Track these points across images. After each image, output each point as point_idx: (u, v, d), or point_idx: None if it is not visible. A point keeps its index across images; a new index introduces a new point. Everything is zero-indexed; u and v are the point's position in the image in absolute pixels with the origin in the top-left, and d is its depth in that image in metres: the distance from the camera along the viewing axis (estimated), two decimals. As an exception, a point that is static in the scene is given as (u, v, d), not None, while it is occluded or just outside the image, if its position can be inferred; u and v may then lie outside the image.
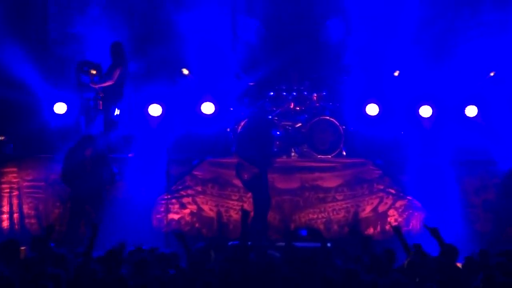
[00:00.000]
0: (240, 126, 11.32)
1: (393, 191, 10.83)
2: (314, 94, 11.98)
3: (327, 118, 11.57)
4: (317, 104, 11.96)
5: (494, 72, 11.60)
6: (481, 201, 10.64)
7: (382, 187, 10.84)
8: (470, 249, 7.63)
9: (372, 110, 11.55)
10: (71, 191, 9.92)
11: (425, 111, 11.48)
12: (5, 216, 10.74)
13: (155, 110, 11.49)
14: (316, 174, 10.89)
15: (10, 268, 6.47)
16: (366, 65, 11.80)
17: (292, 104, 11.98)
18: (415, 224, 10.60)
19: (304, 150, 11.62)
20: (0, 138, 11.16)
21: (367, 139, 11.49)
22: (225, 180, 10.84)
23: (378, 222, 10.73)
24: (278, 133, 11.52)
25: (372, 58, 11.81)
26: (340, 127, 11.45)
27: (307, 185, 10.86)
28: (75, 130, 11.23)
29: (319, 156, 11.41)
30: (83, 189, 9.74)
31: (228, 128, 11.80)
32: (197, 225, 10.80)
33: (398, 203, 10.81)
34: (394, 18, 11.85)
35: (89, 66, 11.35)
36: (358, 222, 10.71)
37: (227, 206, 10.83)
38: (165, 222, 10.43)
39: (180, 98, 11.69)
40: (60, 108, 11.43)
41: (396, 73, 11.88)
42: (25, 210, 10.72)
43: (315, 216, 10.79)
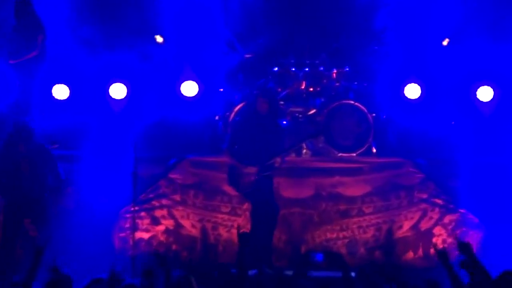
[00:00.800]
0: (233, 113, 11.35)
1: (440, 202, 10.83)
2: (334, 70, 12.00)
3: (351, 102, 11.58)
4: (337, 83, 11.98)
5: None
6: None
7: (425, 196, 10.85)
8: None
9: (412, 92, 11.58)
10: (4, 201, 9.92)
11: (483, 94, 11.48)
12: None
13: (118, 91, 11.48)
14: (335, 179, 10.90)
15: None
16: (405, 31, 11.79)
17: (303, 83, 11.99)
18: (470, 246, 10.63)
19: (319, 146, 11.58)
20: None
21: (405, 132, 11.53)
22: (212, 186, 10.85)
23: (420, 244, 10.75)
24: (285, 122, 11.46)
25: (412, 22, 11.78)
26: (368, 115, 11.45)
27: (324, 193, 10.88)
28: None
29: (340, 154, 11.41)
30: (19, 198, 9.74)
31: (216, 115, 11.83)
32: (174, 246, 10.80)
33: (447, 218, 10.82)
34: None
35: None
36: (392, 244, 10.73)
37: (215, 222, 10.84)
38: (131, 243, 10.39)
39: (152, 75, 11.69)
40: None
41: (445, 42, 11.91)
42: None
43: (335, 235, 10.82)
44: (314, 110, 11.81)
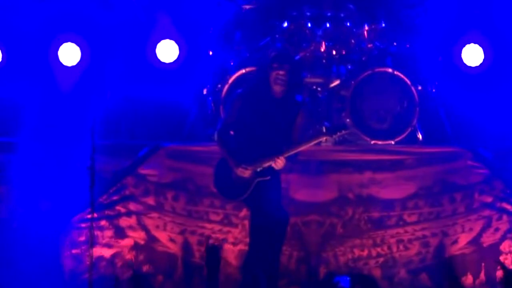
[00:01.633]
0: (227, 86, 11.40)
1: (510, 208, 10.84)
2: (365, 27, 12.10)
3: (389, 71, 11.64)
4: (369, 45, 12.07)
5: None
6: None
7: (490, 200, 10.88)
8: None
9: (471, 56, 11.72)
10: None
11: None
12: None
13: (70, 55, 11.62)
14: (367, 175, 10.96)
15: None
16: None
17: (323, 44, 12.05)
18: (551, 268, 10.73)
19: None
20: None
21: (463, 111, 11.63)
22: (198, 185, 10.91)
23: (483, 263, 10.80)
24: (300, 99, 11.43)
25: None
26: (412, 88, 11.53)
27: (351, 195, 10.94)
28: None
29: (373, 141, 11.52)
30: None
31: (204, 88, 11.95)
32: (146, 268, 10.83)
33: (520, 230, 10.93)
34: None
35: None
36: (444, 265, 10.80)
37: (202, 234, 10.90)
38: (87, 263, 10.23)
39: (114, 32, 11.79)
40: None
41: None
42: None
43: (365, 252, 10.87)
44: (337, 82, 11.88)
